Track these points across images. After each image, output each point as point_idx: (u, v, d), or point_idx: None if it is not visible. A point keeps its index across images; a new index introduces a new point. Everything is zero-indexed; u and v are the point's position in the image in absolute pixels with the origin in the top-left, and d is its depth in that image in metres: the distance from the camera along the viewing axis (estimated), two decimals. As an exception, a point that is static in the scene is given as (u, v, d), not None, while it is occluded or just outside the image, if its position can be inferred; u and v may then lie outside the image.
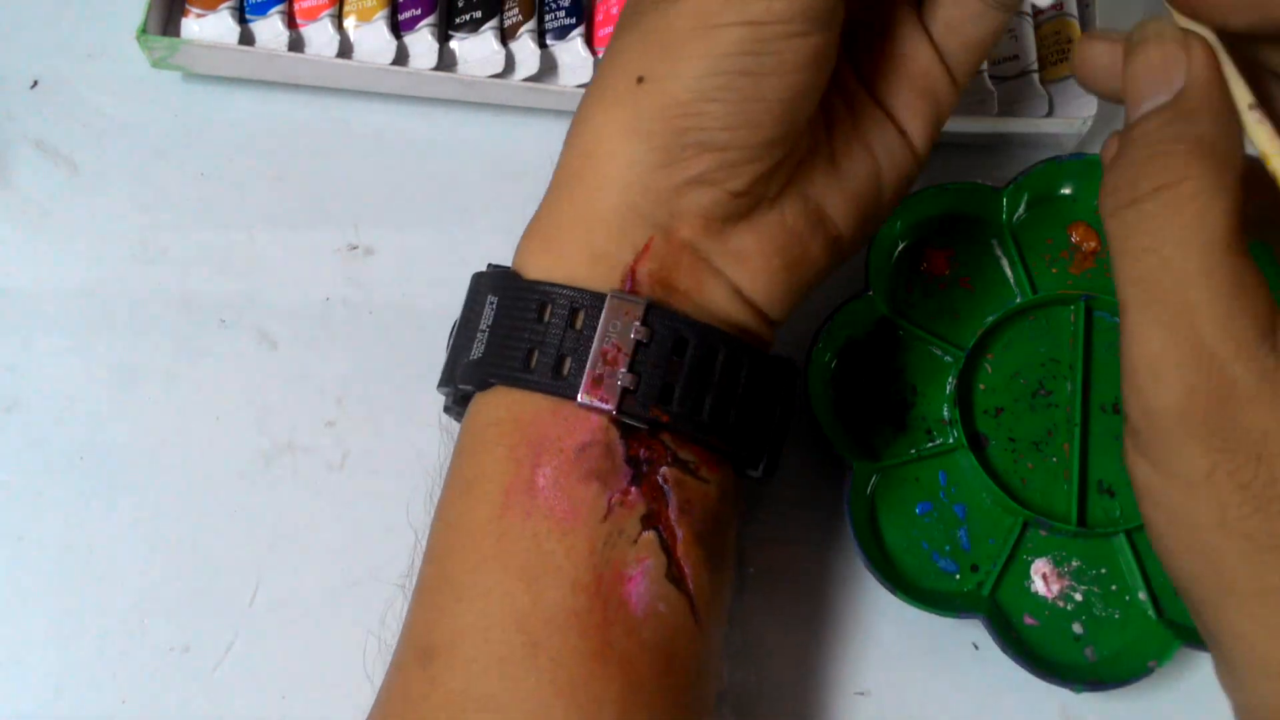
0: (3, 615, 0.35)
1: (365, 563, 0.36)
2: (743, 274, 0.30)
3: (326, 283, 0.40)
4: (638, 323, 0.28)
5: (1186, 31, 0.25)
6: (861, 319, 0.37)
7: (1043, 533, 0.36)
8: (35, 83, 0.43)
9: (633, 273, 0.28)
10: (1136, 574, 0.35)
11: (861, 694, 0.35)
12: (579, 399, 0.27)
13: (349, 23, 0.41)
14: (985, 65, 0.40)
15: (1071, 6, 0.41)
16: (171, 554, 0.36)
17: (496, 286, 0.30)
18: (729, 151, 0.28)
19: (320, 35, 0.41)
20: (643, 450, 0.28)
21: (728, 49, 0.27)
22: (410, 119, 0.42)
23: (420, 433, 0.36)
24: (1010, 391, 0.37)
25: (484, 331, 0.29)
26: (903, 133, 0.31)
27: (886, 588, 0.34)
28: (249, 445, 0.38)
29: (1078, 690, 0.33)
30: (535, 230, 0.30)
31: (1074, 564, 0.35)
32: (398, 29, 0.41)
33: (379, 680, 0.29)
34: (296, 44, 0.41)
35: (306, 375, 0.39)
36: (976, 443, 0.37)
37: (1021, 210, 0.39)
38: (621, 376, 0.28)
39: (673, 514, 0.28)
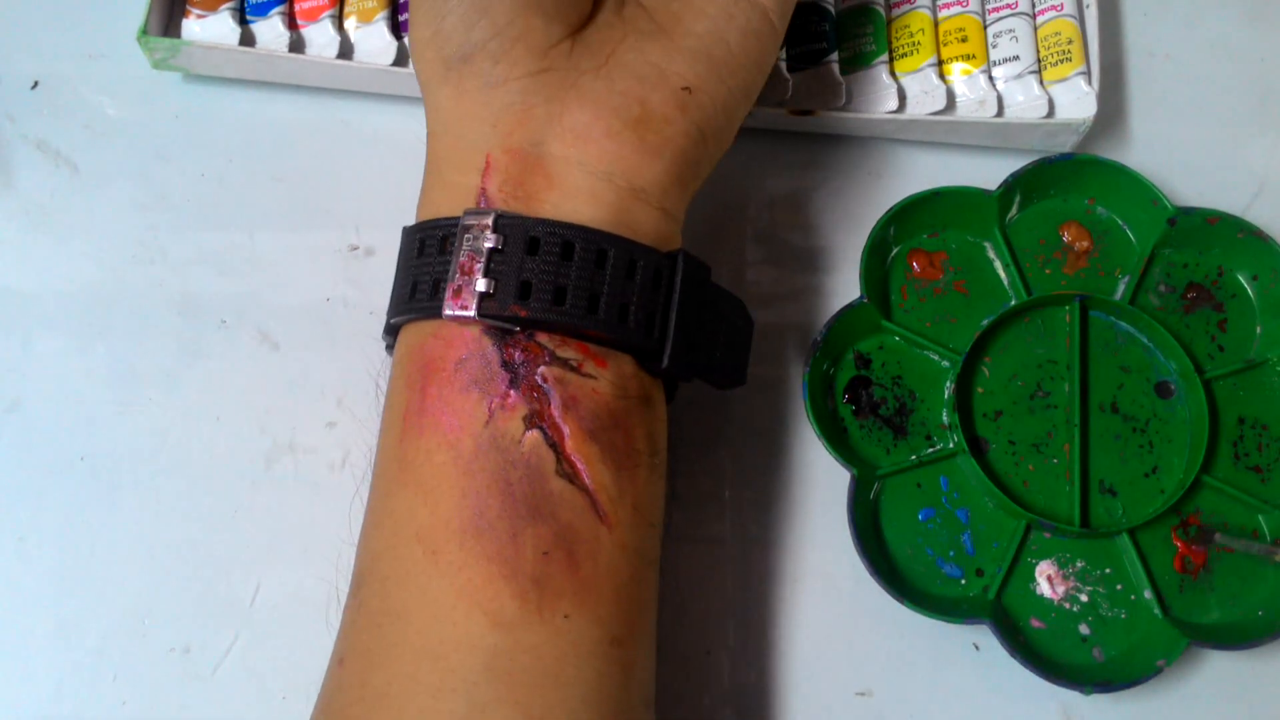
0: (4, 616, 0.35)
1: (366, 564, 0.36)
2: (588, 151, 0.30)
3: (327, 283, 0.40)
4: (488, 231, 0.29)
5: None
6: (858, 327, 0.37)
7: (1046, 535, 0.36)
8: (36, 83, 0.43)
9: (483, 191, 0.30)
10: (1141, 573, 0.35)
11: (863, 694, 0.35)
12: (444, 312, 0.29)
13: (350, 24, 0.41)
14: (985, 66, 0.40)
15: (1071, 7, 0.41)
16: (172, 555, 0.36)
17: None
18: (488, 44, 0.30)
19: (321, 36, 0.41)
20: (518, 353, 0.29)
21: None
22: (411, 120, 0.42)
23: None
24: (1008, 394, 0.37)
25: (392, 286, 0.32)
26: None
27: (893, 596, 0.33)
28: (250, 446, 0.38)
29: (1088, 692, 0.33)
30: (420, 192, 0.32)
31: (1078, 565, 0.35)
32: (398, 30, 0.41)
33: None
34: (297, 45, 0.41)
35: (307, 376, 0.39)
36: (977, 447, 0.37)
37: (1014, 212, 0.39)
38: (479, 283, 0.29)
39: (556, 412, 0.28)
